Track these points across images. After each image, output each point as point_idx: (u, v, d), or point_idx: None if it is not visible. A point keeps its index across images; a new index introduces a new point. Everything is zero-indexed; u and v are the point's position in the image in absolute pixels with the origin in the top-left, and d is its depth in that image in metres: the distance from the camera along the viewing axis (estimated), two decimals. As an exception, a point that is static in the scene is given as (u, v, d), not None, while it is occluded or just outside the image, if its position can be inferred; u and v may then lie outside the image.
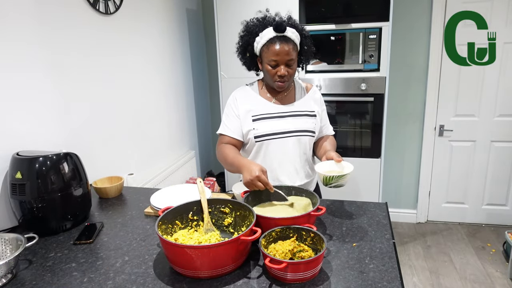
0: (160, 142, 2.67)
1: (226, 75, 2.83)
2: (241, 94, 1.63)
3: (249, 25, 1.54)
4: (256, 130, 1.56)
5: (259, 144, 1.58)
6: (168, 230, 1.19)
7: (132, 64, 2.29)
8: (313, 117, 1.61)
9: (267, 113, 1.58)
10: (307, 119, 1.60)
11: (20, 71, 1.52)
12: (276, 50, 1.46)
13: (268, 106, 1.60)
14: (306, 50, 1.57)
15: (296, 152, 1.60)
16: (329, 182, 1.33)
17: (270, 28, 1.47)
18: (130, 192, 1.77)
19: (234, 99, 1.62)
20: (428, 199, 3.31)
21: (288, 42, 1.47)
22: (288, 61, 1.48)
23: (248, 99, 1.61)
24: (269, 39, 1.47)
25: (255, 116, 1.57)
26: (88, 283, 1.06)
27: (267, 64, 1.50)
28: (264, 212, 1.28)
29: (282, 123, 1.57)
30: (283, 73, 1.48)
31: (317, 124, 1.63)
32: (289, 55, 1.47)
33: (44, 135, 1.63)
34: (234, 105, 1.60)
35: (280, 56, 1.46)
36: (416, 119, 3.16)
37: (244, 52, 1.59)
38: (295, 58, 1.50)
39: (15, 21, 1.49)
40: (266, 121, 1.57)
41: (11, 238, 1.19)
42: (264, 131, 1.56)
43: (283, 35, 1.47)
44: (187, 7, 3.07)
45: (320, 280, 1.03)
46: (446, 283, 2.54)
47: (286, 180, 1.60)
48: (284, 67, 1.49)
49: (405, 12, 2.93)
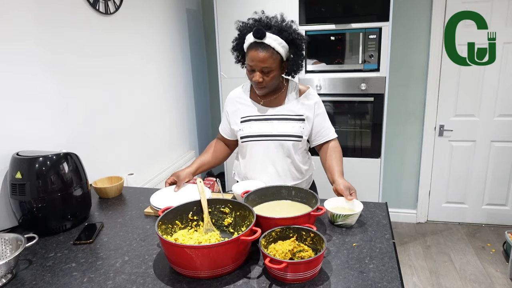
0: (160, 142, 2.67)
1: (226, 75, 2.83)
2: (232, 95, 1.71)
3: (243, 25, 1.55)
4: (242, 131, 1.62)
5: (244, 145, 1.65)
6: (168, 230, 1.19)
7: (132, 64, 2.29)
8: (300, 122, 1.59)
9: (254, 115, 1.62)
10: (293, 124, 1.58)
11: (20, 71, 1.52)
12: (251, 56, 1.46)
13: (256, 108, 1.63)
14: (292, 58, 1.51)
15: (279, 156, 1.61)
16: (335, 220, 1.32)
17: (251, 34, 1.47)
18: (130, 192, 1.77)
19: (227, 100, 1.72)
20: (428, 199, 3.31)
21: (265, 49, 1.44)
22: (263, 68, 1.46)
23: (238, 100, 1.67)
24: (249, 44, 1.48)
25: (243, 118, 1.63)
26: (88, 283, 1.06)
27: (246, 68, 1.53)
28: (264, 212, 1.28)
29: (266, 126, 1.59)
30: (257, 79, 1.48)
31: (306, 128, 1.60)
32: (264, 62, 1.45)
33: (44, 135, 1.63)
34: (227, 105, 1.70)
35: (254, 62, 1.46)
36: (416, 119, 3.16)
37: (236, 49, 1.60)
38: (273, 67, 1.47)
39: (15, 21, 1.49)
40: (252, 123, 1.61)
41: (11, 238, 1.19)
42: (249, 132, 1.61)
43: (261, 41, 1.44)
44: (187, 7, 3.07)
45: (320, 280, 1.03)
46: (446, 283, 2.54)
47: (269, 182, 1.62)
48: (260, 74, 1.48)
49: (405, 12, 2.93)
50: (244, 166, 1.70)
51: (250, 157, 1.65)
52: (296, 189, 1.41)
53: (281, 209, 1.35)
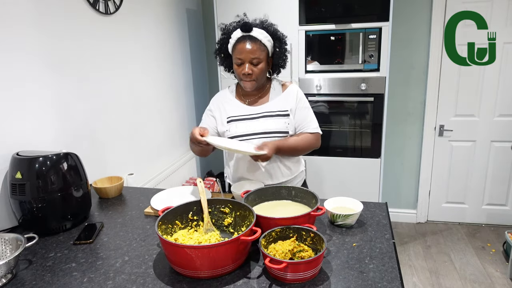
0: (160, 142, 2.67)
1: (226, 75, 2.83)
2: (218, 97, 1.72)
3: (226, 27, 1.59)
4: (228, 132, 1.63)
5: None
6: (168, 230, 1.19)
7: (132, 64, 2.29)
8: (285, 117, 1.61)
9: (239, 115, 1.63)
10: (278, 120, 1.60)
11: (20, 71, 1.52)
12: (240, 48, 1.51)
13: (241, 108, 1.65)
14: (277, 52, 1.59)
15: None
16: (335, 220, 1.32)
17: (239, 29, 1.53)
18: (130, 192, 1.77)
19: (213, 99, 1.73)
20: (428, 199, 3.31)
21: (254, 41, 1.51)
22: (253, 59, 1.51)
23: (224, 101, 1.69)
24: (237, 39, 1.53)
25: (229, 118, 1.64)
26: (88, 283, 1.06)
27: (234, 64, 1.56)
28: (264, 212, 1.28)
29: (252, 125, 1.61)
30: (247, 71, 1.52)
31: (291, 123, 1.62)
32: (254, 53, 1.50)
33: (44, 135, 1.63)
34: (212, 106, 1.71)
35: (244, 54, 1.51)
36: (416, 119, 3.16)
37: (220, 52, 1.64)
38: (261, 58, 1.53)
39: (15, 21, 1.49)
40: (238, 122, 1.62)
41: (11, 238, 1.19)
42: (235, 132, 1.61)
43: (249, 34, 1.51)
44: (187, 7, 3.07)
45: (320, 280, 1.03)
46: (446, 283, 2.54)
47: (260, 179, 1.64)
48: (249, 66, 1.52)
49: (405, 12, 2.93)
50: (233, 167, 1.72)
51: (237, 158, 1.68)
52: (296, 189, 1.41)
53: (281, 209, 1.35)
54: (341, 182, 2.83)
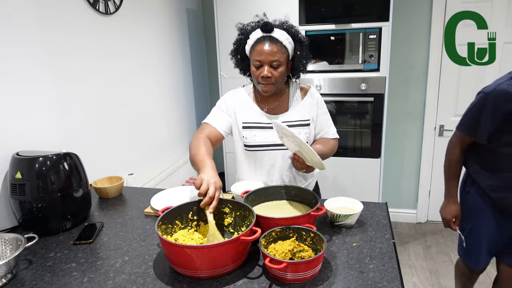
0: (160, 142, 2.67)
1: (226, 75, 2.83)
2: (234, 96, 1.62)
3: (244, 27, 1.52)
4: (246, 139, 1.56)
5: (248, 153, 1.59)
6: (168, 230, 1.19)
7: (132, 64, 2.29)
8: (306, 127, 1.57)
9: (257, 122, 1.56)
10: (299, 130, 1.55)
11: (20, 71, 1.52)
12: (260, 50, 1.42)
13: (259, 116, 1.57)
14: (298, 55, 1.50)
15: (285, 165, 1.59)
16: (335, 220, 1.32)
17: (258, 29, 1.45)
18: (130, 192, 1.77)
19: (228, 97, 1.62)
20: (428, 199, 3.31)
21: (274, 43, 1.42)
22: (272, 61, 1.42)
23: (240, 102, 1.60)
24: (256, 39, 1.45)
25: (245, 123, 1.56)
26: (88, 283, 1.06)
27: (252, 66, 1.47)
28: (264, 212, 1.28)
29: (272, 135, 1.53)
30: (266, 74, 1.42)
31: (311, 133, 1.59)
32: (273, 55, 1.41)
33: (44, 135, 1.63)
34: (229, 102, 1.60)
35: (263, 55, 1.42)
36: (416, 119, 3.16)
37: (236, 53, 1.56)
38: (281, 61, 1.44)
39: (15, 21, 1.49)
40: (256, 130, 1.55)
41: (11, 238, 1.19)
42: (254, 141, 1.55)
43: (269, 35, 1.43)
44: (187, 7, 3.07)
45: (320, 280, 1.03)
46: (446, 283, 2.54)
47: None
48: (268, 68, 1.43)
49: (405, 12, 2.93)
50: (248, 174, 1.65)
51: (256, 166, 1.61)
52: (296, 189, 1.41)
53: (281, 209, 1.35)
54: (341, 182, 2.83)
